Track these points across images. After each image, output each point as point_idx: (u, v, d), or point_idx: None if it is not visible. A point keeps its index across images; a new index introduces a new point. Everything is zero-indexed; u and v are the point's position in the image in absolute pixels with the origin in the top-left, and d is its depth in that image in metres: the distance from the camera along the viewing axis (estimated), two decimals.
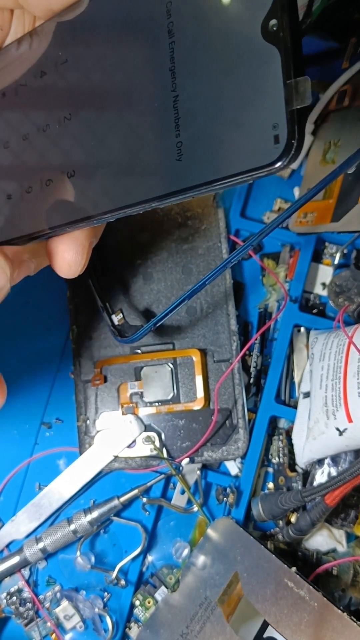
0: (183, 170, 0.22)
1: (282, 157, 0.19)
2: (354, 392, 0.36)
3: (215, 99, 0.21)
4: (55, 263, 0.27)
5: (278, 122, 0.19)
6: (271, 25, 0.20)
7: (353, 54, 0.44)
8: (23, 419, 0.46)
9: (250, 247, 0.30)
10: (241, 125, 0.21)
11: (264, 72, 0.20)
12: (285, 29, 0.19)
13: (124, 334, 0.41)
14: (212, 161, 0.21)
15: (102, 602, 0.42)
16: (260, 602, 0.36)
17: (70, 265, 0.27)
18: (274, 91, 0.20)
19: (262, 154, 0.20)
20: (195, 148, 0.22)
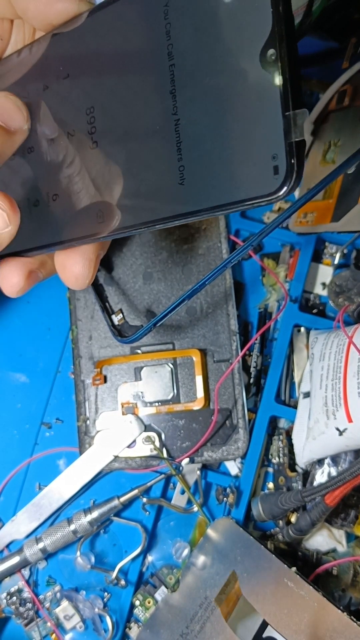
0: (186, 194, 0.22)
1: (282, 188, 0.20)
2: (354, 392, 0.36)
3: (215, 126, 0.21)
4: (63, 275, 0.28)
5: (277, 153, 0.19)
6: (269, 54, 0.19)
7: (353, 54, 0.44)
8: (23, 419, 0.46)
9: (250, 247, 0.30)
10: (241, 154, 0.21)
11: (263, 102, 0.20)
12: (283, 59, 0.19)
13: (124, 334, 0.41)
14: (213, 187, 0.21)
15: (102, 602, 0.42)
16: (260, 602, 0.36)
17: (77, 278, 0.27)
18: (273, 121, 0.19)
19: (263, 184, 0.20)
20: (197, 173, 0.22)
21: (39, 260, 0.29)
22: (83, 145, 0.25)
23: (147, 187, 0.23)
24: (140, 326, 0.38)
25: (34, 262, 0.29)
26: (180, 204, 0.22)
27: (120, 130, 0.24)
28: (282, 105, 0.19)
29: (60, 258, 0.28)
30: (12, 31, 0.28)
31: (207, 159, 0.21)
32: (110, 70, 0.24)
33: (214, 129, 0.21)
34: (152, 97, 0.23)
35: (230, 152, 0.21)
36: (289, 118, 0.19)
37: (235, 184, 0.21)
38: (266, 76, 0.20)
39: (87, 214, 0.25)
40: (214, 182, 0.21)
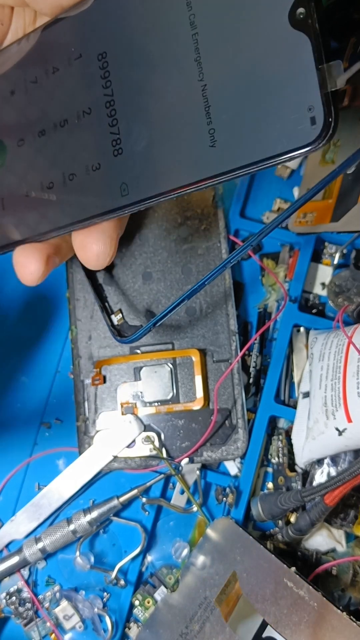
0: (217, 156, 0.23)
1: (320, 137, 0.21)
2: (354, 392, 0.36)
3: (245, 87, 0.22)
4: (83, 255, 0.27)
5: (314, 104, 0.21)
6: (299, 13, 0.21)
7: (352, 54, 0.44)
8: (22, 419, 0.46)
9: (249, 247, 0.30)
10: (275, 110, 0.22)
11: (294, 59, 0.21)
12: (313, 16, 0.21)
13: (124, 334, 0.41)
14: (248, 146, 0.22)
15: (102, 602, 0.42)
16: (260, 602, 0.36)
17: (98, 256, 0.27)
18: (307, 76, 0.21)
19: (300, 136, 0.21)
20: (229, 134, 0.23)
21: (54, 244, 0.28)
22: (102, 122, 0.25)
23: (175, 153, 0.24)
24: (139, 326, 0.38)
25: (49, 247, 0.28)
26: (210, 166, 0.23)
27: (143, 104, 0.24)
28: (315, 60, 0.20)
29: (79, 238, 0.27)
30: (13, 17, 0.27)
31: (239, 120, 0.22)
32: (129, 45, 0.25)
33: (244, 91, 0.22)
34: (175, 69, 0.24)
35: (263, 110, 0.22)
36: (323, 70, 0.20)
37: (271, 139, 0.22)
38: (296, 34, 0.21)
39: (110, 188, 0.25)
40: (249, 141, 0.22)
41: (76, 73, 0.26)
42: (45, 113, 0.27)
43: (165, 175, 0.24)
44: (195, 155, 0.23)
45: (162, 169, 0.24)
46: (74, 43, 0.26)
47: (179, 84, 0.23)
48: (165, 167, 0.24)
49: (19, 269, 0.28)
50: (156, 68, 0.24)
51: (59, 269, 0.45)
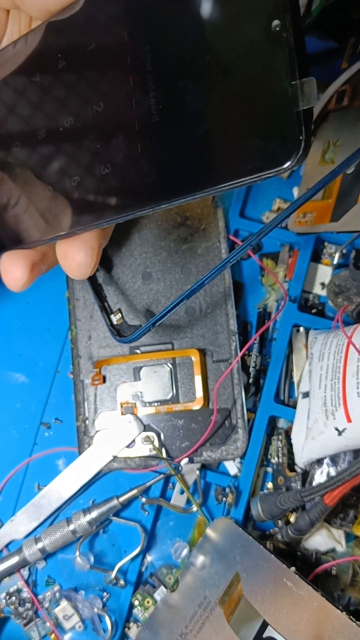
0: (188, 173, 0.22)
1: (291, 158, 0.20)
2: (353, 392, 0.36)
3: (218, 101, 0.21)
4: (65, 265, 0.27)
5: (286, 123, 0.19)
6: (274, 26, 0.19)
7: (352, 54, 0.44)
8: (22, 419, 0.46)
9: (249, 246, 0.30)
10: (248, 128, 0.21)
11: (268, 73, 0.20)
12: (288, 29, 0.19)
13: (123, 334, 0.41)
14: (218, 164, 0.21)
15: (101, 602, 0.42)
16: (260, 602, 0.36)
17: (80, 266, 0.27)
18: (280, 92, 0.20)
19: (271, 155, 0.20)
20: (199, 151, 0.22)
21: (40, 251, 0.28)
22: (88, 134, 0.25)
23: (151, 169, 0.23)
24: (139, 326, 0.38)
25: (36, 254, 0.28)
26: (184, 182, 0.22)
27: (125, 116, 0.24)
28: (288, 75, 0.19)
29: (62, 247, 0.27)
30: (8, 21, 0.28)
31: (210, 136, 0.22)
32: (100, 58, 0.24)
33: (217, 106, 0.21)
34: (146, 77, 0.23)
35: (236, 128, 0.21)
36: (296, 87, 0.19)
37: (242, 158, 0.21)
38: (271, 47, 0.20)
39: (93, 200, 0.25)
40: (219, 160, 0.21)
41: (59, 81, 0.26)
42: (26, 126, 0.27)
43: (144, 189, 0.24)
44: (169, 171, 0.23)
45: (142, 183, 0.24)
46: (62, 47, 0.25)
47: (164, 94, 0.23)
48: (144, 182, 0.24)
49: (4, 275, 0.28)
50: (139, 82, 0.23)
51: (59, 270, 0.45)
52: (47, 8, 0.25)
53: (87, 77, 0.25)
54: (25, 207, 0.28)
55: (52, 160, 0.26)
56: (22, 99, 0.27)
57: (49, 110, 0.26)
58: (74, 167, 0.26)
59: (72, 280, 0.45)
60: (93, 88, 0.25)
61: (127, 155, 0.24)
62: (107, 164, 0.24)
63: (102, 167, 0.25)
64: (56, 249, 0.28)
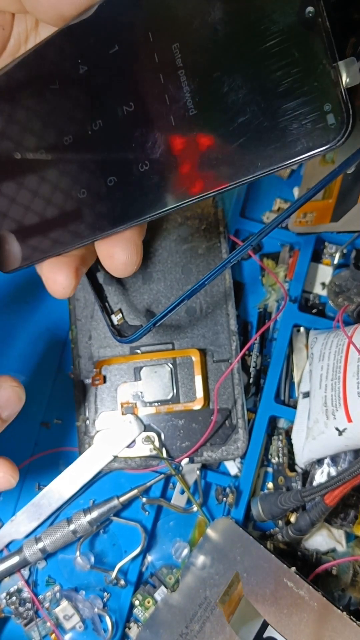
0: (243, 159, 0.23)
1: (340, 134, 0.21)
2: (354, 392, 0.36)
3: (262, 90, 0.22)
4: (111, 265, 0.27)
5: (330, 103, 0.21)
6: (307, 12, 0.20)
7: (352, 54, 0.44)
8: (23, 419, 0.46)
9: (249, 246, 0.30)
10: (293, 111, 0.22)
11: (307, 59, 0.21)
12: (322, 14, 0.20)
13: (124, 334, 0.41)
14: (270, 147, 0.22)
15: (102, 602, 0.42)
16: (260, 602, 0.36)
17: (126, 265, 0.27)
18: (321, 75, 0.21)
19: (320, 135, 0.21)
20: (250, 137, 0.23)
21: (79, 256, 0.28)
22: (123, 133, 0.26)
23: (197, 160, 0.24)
24: (139, 326, 0.38)
25: (77, 259, 0.28)
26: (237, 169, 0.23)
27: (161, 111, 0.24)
28: (328, 58, 0.20)
29: (104, 247, 0.27)
30: (14, 22, 0.28)
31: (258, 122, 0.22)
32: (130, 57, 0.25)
33: (262, 94, 0.22)
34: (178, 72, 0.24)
35: (282, 111, 0.22)
36: (337, 68, 0.20)
37: (292, 139, 0.22)
38: (307, 34, 0.21)
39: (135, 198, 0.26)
40: (271, 142, 0.22)
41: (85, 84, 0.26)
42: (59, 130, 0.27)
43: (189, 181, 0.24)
44: (221, 159, 0.24)
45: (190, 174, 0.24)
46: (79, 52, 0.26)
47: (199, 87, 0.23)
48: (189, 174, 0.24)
49: (50, 285, 0.28)
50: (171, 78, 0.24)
51: None
52: (62, 14, 0.25)
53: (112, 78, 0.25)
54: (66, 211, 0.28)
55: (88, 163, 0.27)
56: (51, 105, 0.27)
57: (80, 114, 0.26)
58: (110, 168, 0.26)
59: None
60: (121, 88, 0.25)
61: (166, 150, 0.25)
62: (145, 160, 0.25)
63: (139, 164, 0.25)
64: (98, 251, 0.27)
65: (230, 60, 0.23)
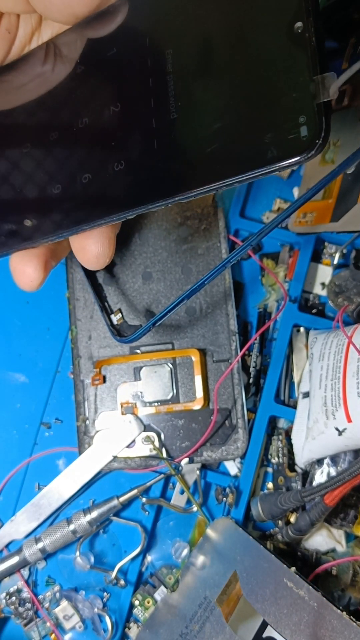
0: (210, 165, 0.23)
1: (312, 147, 0.21)
2: (354, 392, 0.36)
3: (240, 97, 0.22)
4: (83, 257, 0.27)
5: (306, 115, 0.21)
6: (296, 27, 0.21)
7: (352, 54, 0.44)
8: (22, 419, 0.46)
9: (249, 246, 0.30)
10: (269, 120, 0.22)
11: (289, 70, 0.21)
12: (310, 30, 0.21)
13: (123, 334, 0.41)
14: (243, 155, 0.22)
15: (102, 602, 0.42)
16: (260, 602, 0.36)
17: (98, 257, 0.27)
18: (301, 87, 0.21)
19: (292, 146, 0.21)
20: (222, 143, 0.23)
21: (50, 248, 0.28)
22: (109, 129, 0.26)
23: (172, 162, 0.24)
24: (139, 326, 0.38)
25: (46, 252, 0.28)
26: (203, 175, 0.23)
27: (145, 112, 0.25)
28: (309, 71, 0.21)
29: (77, 240, 0.27)
30: (20, 24, 0.28)
31: (233, 129, 0.23)
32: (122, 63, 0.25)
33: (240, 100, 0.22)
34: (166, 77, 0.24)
35: (257, 119, 0.22)
36: (316, 82, 0.21)
37: (264, 148, 0.22)
38: (293, 47, 0.21)
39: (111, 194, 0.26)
40: (242, 153, 0.23)
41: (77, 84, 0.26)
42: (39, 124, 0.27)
43: (164, 182, 0.25)
44: (194, 164, 0.24)
45: (161, 176, 0.25)
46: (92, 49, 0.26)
47: (182, 92, 0.24)
48: (163, 175, 0.25)
49: (17, 277, 0.28)
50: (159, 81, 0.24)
51: (59, 269, 0.45)
52: (74, 12, 0.25)
53: (103, 79, 0.26)
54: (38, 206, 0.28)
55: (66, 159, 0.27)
56: (39, 100, 0.27)
57: (70, 111, 0.27)
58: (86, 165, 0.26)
59: (72, 280, 0.45)
60: (111, 90, 0.26)
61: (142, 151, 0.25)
62: (121, 160, 0.25)
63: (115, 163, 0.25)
64: (71, 243, 0.28)
65: (216, 69, 0.23)
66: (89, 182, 0.26)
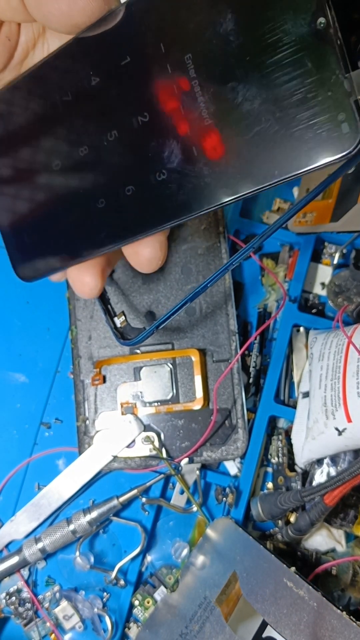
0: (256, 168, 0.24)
1: (355, 142, 0.21)
2: (353, 392, 0.37)
3: (275, 100, 0.22)
4: (136, 261, 0.28)
5: (344, 112, 0.21)
6: (319, 23, 0.21)
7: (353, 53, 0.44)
8: (22, 419, 0.46)
9: (251, 249, 0.31)
10: (308, 122, 0.22)
11: (321, 69, 0.21)
12: (334, 25, 0.21)
13: (127, 336, 0.41)
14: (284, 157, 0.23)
15: (102, 602, 0.42)
16: (260, 602, 0.36)
17: (151, 261, 0.28)
18: (335, 85, 0.21)
19: (335, 144, 0.22)
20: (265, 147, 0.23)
21: (105, 256, 0.29)
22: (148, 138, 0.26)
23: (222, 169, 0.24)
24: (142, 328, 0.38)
25: (103, 259, 0.29)
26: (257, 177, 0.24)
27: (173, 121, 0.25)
28: (341, 68, 0.21)
29: (130, 245, 0.28)
30: (21, 31, 0.27)
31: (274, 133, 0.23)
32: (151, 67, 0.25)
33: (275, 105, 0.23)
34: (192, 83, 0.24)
35: (297, 122, 0.22)
36: (350, 79, 0.21)
37: (307, 149, 0.22)
38: (319, 44, 0.21)
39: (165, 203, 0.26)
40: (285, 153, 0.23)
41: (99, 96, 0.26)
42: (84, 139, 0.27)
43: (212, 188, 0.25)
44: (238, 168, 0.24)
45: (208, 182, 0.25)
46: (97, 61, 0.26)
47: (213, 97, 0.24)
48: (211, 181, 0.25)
49: (76, 286, 0.28)
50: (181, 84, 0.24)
51: None
52: (75, 23, 0.25)
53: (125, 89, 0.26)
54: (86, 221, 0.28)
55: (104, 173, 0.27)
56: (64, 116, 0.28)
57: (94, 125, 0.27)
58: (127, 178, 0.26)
59: None
60: (134, 99, 0.26)
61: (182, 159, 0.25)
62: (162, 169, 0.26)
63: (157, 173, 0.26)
64: (124, 248, 0.28)
65: (243, 70, 0.23)
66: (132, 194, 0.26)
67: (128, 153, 0.26)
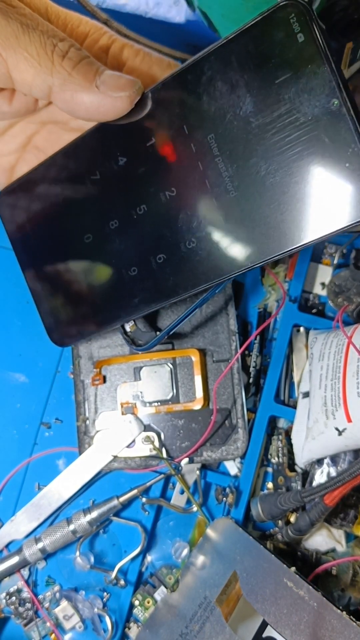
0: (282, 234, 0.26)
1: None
2: (353, 392, 0.36)
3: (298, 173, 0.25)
4: None
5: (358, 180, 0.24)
6: (332, 103, 0.23)
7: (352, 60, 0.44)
8: (22, 419, 0.46)
9: None
10: (329, 190, 0.24)
11: (338, 144, 0.24)
12: (347, 104, 0.23)
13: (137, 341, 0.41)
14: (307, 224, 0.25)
15: (102, 602, 0.42)
16: (260, 602, 0.36)
17: None
18: (353, 157, 0.24)
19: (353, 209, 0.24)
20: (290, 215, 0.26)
21: None
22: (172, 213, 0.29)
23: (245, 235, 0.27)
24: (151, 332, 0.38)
25: None
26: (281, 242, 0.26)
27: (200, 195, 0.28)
28: (358, 142, 0.24)
29: None
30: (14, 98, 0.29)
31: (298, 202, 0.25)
32: None
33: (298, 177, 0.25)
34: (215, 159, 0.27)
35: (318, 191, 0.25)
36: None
37: (331, 215, 0.25)
38: (335, 122, 0.24)
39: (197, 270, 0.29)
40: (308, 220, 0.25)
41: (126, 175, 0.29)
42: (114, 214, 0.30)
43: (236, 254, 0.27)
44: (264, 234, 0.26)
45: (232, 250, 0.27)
46: None
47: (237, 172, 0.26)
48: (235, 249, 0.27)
49: None
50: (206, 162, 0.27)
51: None
52: (105, 117, 0.27)
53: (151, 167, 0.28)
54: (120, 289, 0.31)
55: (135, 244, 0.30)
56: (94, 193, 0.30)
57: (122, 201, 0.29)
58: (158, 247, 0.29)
59: None
60: (161, 176, 0.28)
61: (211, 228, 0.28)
62: (192, 238, 0.28)
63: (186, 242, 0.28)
64: None
65: (264, 148, 0.25)
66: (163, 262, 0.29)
67: (157, 225, 0.29)
